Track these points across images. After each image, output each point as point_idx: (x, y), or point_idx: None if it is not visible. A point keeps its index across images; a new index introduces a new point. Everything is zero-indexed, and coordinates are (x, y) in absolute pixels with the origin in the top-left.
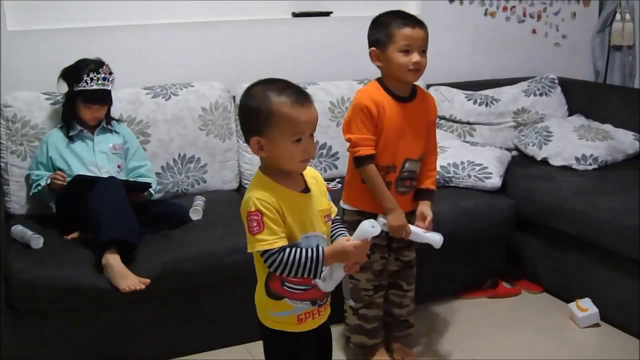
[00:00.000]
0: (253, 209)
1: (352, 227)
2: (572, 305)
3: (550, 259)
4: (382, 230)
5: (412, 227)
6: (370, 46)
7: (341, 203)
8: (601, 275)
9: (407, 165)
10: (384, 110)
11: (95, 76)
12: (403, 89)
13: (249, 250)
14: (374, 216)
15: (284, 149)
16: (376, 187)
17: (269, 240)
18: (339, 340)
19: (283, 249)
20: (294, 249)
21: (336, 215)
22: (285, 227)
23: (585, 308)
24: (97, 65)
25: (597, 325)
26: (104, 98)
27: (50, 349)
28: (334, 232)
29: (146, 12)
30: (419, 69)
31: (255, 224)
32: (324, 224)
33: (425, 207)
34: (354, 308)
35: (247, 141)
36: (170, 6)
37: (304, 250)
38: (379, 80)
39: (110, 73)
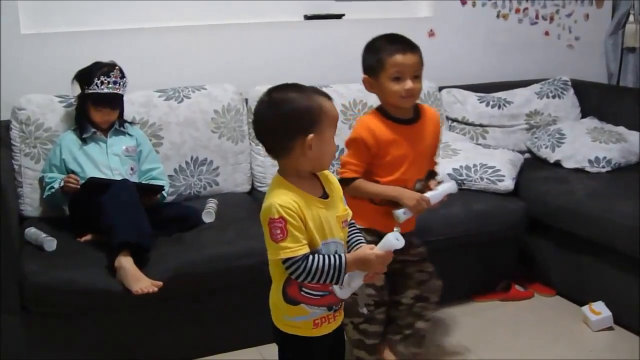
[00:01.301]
0: (276, 216)
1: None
2: (585, 308)
3: (563, 262)
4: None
5: (427, 194)
6: (363, 72)
7: None
8: (614, 278)
9: (417, 186)
10: (382, 138)
11: (106, 80)
12: (404, 112)
13: (271, 258)
14: (380, 234)
15: (330, 145)
16: (373, 191)
17: (293, 247)
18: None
19: (306, 256)
20: (317, 257)
21: (350, 219)
22: (306, 234)
23: (599, 311)
24: (109, 68)
25: (610, 328)
26: (114, 102)
27: (62, 351)
28: (351, 237)
29: (159, 15)
30: (412, 94)
31: (278, 232)
32: (341, 230)
33: (428, 179)
34: (354, 323)
35: (282, 147)
36: (183, 9)
37: (326, 258)
38: (378, 108)
39: (122, 77)
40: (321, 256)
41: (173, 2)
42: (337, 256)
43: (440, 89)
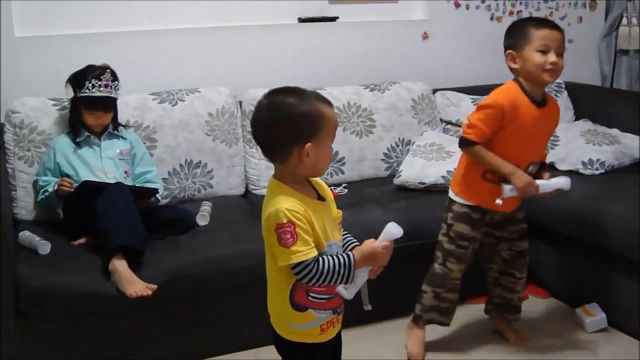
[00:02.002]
0: (285, 220)
1: (458, 219)
2: (580, 310)
3: (558, 263)
4: (483, 225)
5: (538, 181)
6: (505, 50)
7: (450, 194)
8: (608, 280)
9: (530, 168)
10: (518, 112)
11: (97, 83)
12: (538, 92)
13: (282, 264)
14: (486, 211)
15: (327, 151)
16: (489, 161)
17: (304, 251)
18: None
19: (317, 259)
20: (327, 258)
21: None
22: (313, 237)
23: (593, 313)
24: (100, 71)
25: (604, 330)
26: (106, 105)
27: (57, 355)
28: (344, 239)
29: (153, 18)
30: (556, 69)
31: (289, 236)
32: (338, 232)
33: (542, 170)
34: (436, 292)
35: (280, 153)
36: (177, 12)
37: (336, 258)
38: (516, 81)
39: (114, 80)
40: (330, 257)
41: (167, 5)
42: (345, 255)
43: (435, 91)
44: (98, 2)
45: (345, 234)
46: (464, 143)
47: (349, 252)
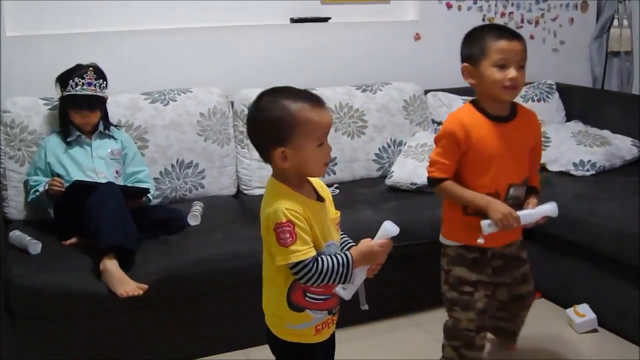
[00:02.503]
0: (284, 220)
1: (453, 262)
2: (570, 311)
3: (548, 264)
4: (489, 267)
5: (519, 212)
6: (462, 62)
7: (441, 239)
8: (599, 281)
9: (511, 191)
10: (473, 135)
11: (80, 81)
12: (500, 108)
13: (280, 263)
14: (480, 249)
15: (309, 154)
16: (460, 195)
17: (303, 250)
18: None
19: (315, 258)
20: (326, 257)
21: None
22: (312, 236)
23: (583, 314)
24: (84, 70)
25: (594, 331)
26: (90, 103)
27: (48, 355)
28: (342, 239)
29: (145, 18)
30: (515, 86)
31: (288, 235)
32: (336, 232)
33: (529, 196)
34: (453, 345)
35: (265, 154)
36: (169, 12)
37: (334, 258)
38: (473, 101)
39: (99, 78)
40: (329, 256)
41: (159, 5)
42: (343, 254)
43: (426, 92)
44: (90, 2)
45: (341, 235)
46: (432, 183)
47: (347, 252)
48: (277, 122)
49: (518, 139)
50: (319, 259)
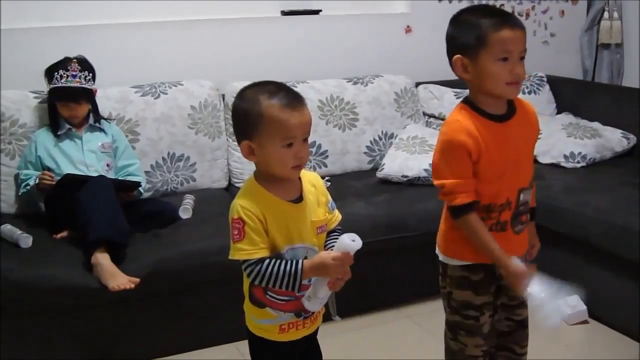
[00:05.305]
0: (236, 216)
1: (456, 285)
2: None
3: (539, 256)
4: (493, 285)
5: (529, 290)
6: (453, 52)
7: (441, 257)
8: (589, 272)
9: (522, 196)
10: (481, 141)
11: (64, 73)
12: (499, 105)
13: (229, 257)
14: (487, 267)
15: (274, 153)
16: (480, 239)
17: (248, 250)
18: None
19: (262, 260)
20: (272, 261)
21: (337, 226)
22: (267, 238)
23: (574, 305)
24: (68, 62)
25: (585, 322)
26: (76, 96)
27: (39, 349)
28: (327, 244)
29: (135, 10)
30: (519, 81)
31: (236, 232)
32: (315, 236)
33: (532, 235)
34: None
35: (239, 144)
36: (160, 4)
37: (282, 263)
38: (466, 101)
39: (84, 70)
40: (277, 261)
41: None
42: (294, 262)
43: (417, 84)
44: None
45: (331, 236)
46: (458, 213)
47: (300, 260)
48: (246, 115)
49: (521, 137)
50: (266, 262)
